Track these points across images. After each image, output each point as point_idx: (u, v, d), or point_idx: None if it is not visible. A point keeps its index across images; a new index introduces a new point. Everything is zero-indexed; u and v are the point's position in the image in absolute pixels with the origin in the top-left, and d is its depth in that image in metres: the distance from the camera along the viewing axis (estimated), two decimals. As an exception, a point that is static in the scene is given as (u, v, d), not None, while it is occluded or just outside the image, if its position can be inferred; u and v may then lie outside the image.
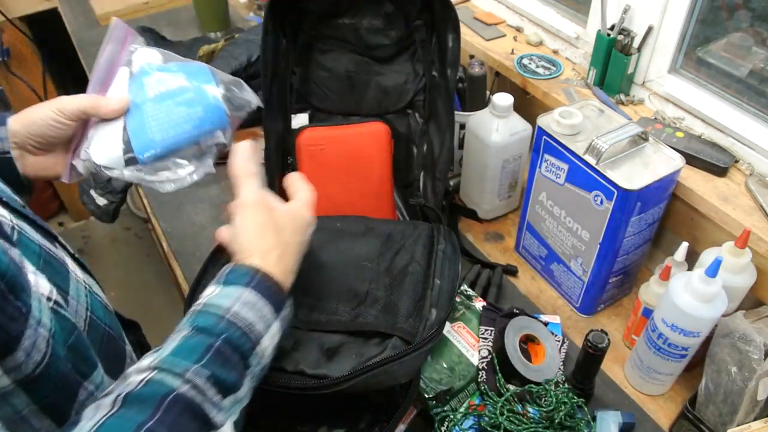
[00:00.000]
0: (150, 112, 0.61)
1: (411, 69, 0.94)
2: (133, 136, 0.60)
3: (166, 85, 0.62)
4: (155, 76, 0.62)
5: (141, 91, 0.61)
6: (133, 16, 1.68)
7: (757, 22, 0.85)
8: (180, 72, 0.63)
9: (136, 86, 0.62)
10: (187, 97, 0.62)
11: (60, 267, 0.50)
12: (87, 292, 0.53)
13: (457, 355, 0.78)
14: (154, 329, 0.80)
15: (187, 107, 0.61)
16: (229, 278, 0.51)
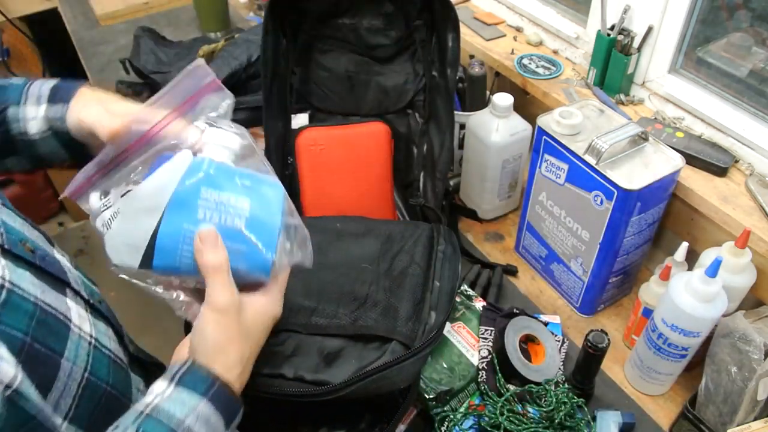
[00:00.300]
0: (190, 237, 0.47)
1: (411, 69, 0.94)
2: (158, 252, 0.47)
3: (222, 214, 0.48)
4: (216, 195, 0.48)
5: (192, 201, 0.47)
6: (133, 16, 1.68)
7: (757, 22, 0.85)
8: (246, 198, 0.49)
9: (189, 189, 0.47)
10: (238, 249, 0.49)
11: (57, 325, 0.46)
12: (91, 349, 0.50)
13: (457, 355, 0.78)
14: (154, 329, 0.80)
15: (232, 255, 0.48)
16: (185, 380, 0.46)
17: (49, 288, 0.48)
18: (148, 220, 0.47)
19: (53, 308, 0.46)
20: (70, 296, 0.51)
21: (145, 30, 1.43)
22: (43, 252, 0.50)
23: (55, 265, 0.51)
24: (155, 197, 0.47)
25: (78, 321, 0.49)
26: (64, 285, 0.51)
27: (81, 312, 0.51)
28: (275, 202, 0.51)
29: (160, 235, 0.47)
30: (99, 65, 1.50)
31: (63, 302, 0.49)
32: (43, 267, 0.48)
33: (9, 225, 0.48)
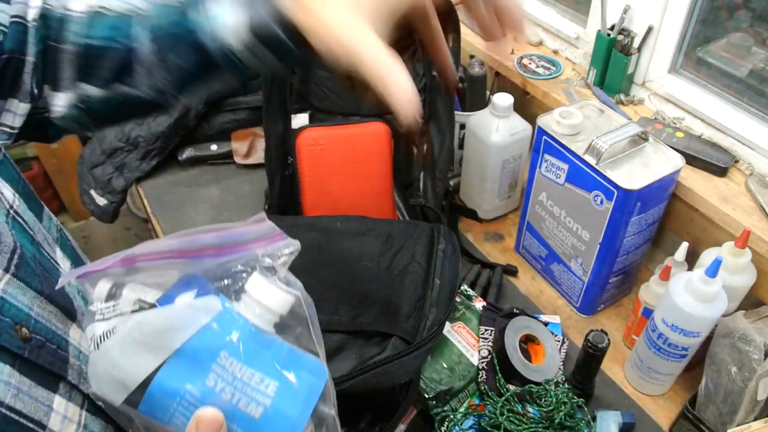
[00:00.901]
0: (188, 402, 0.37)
1: (411, 69, 0.93)
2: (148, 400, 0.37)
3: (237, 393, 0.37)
4: (236, 368, 0.38)
5: (205, 362, 0.38)
6: (133, 16, 1.68)
7: (757, 22, 0.85)
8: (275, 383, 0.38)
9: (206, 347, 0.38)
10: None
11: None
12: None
13: (457, 355, 0.78)
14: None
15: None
16: None
17: (34, 384, 0.40)
18: (146, 358, 0.37)
19: (22, 415, 0.39)
20: (63, 392, 0.43)
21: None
22: (45, 336, 0.43)
23: (53, 355, 0.43)
24: (164, 335, 0.38)
25: (58, 426, 0.42)
26: (59, 379, 0.43)
27: (71, 412, 0.43)
28: (311, 391, 0.39)
29: (155, 383, 0.37)
30: (99, 65, 1.50)
31: (45, 402, 0.41)
32: (32, 360, 0.41)
33: (9, 303, 0.41)
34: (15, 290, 0.42)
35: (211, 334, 0.37)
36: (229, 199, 1.11)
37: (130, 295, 0.40)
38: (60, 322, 0.46)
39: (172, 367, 0.37)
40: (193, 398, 0.37)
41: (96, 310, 0.40)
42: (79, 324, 0.48)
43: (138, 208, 2.23)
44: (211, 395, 0.37)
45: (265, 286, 0.39)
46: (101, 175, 1.17)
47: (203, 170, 1.17)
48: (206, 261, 0.41)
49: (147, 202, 1.13)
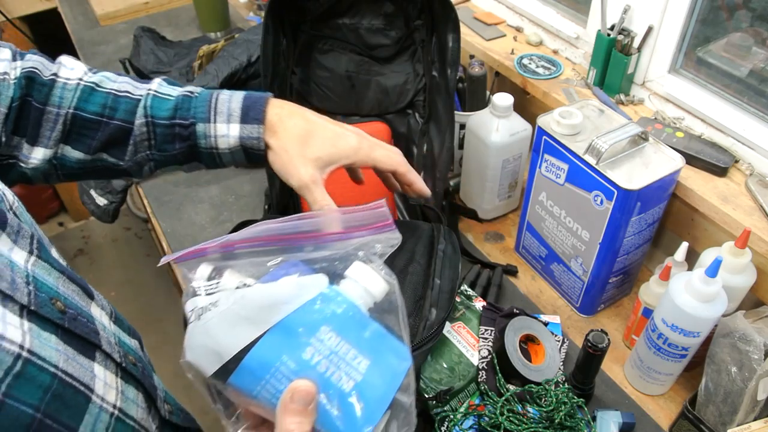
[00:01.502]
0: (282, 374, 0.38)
1: (411, 69, 0.94)
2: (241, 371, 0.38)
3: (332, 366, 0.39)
4: (335, 342, 0.39)
5: (305, 335, 0.39)
6: (133, 17, 1.68)
7: (757, 22, 0.85)
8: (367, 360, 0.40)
9: (308, 320, 0.39)
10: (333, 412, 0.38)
11: (76, 398, 0.42)
12: (112, 421, 0.46)
13: (457, 355, 0.78)
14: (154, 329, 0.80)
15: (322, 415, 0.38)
16: None
17: (76, 353, 0.44)
18: (246, 330, 0.38)
19: (75, 378, 0.42)
20: (100, 360, 0.46)
21: (145, 30, 1.43)
22: (76, 310, 0.46)
23: (87, 326, 0.46)
24: (266, 310, 0.39)
25: (102, 390, 0.45)
26: (95, 348, 0.46)
27: (109, 378, 0.47)
28: (397, 375, 0.41)
29: (251, 354, 0.38)
30: (99, 65, 1.49)
31: (89, 369, 0.44)
32: (72, 329, 0.44)
33: (41, 281, 0.43)
34: (41, 270, 0.45)
35: (314, 309, 0.39)
36: (229, 199, 1.11)
37: (231, 277, 0.41)
38: (82, 299, 0.49)
39: (271, 340, 0.38)
40: (288, 370, 0.38)
41: (198, 287, 0.41)
42: (97, 303, 0.52)
43: (138, 208, 2.23)
44: (306, 367, 0.38)
45: (367, 271, 0.42)
46: (101, 175, 1.17)
47: (203, 170, 1.17)
48: (307, 247, 0.43)
49: (147, 202, 1.13)
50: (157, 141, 0.59)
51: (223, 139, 0.58)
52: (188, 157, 0.61)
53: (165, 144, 0.59)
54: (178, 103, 0.59)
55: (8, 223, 0.43)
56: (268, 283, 0.41)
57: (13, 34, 2.00)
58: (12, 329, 0.38)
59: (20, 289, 0.41)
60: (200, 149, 0.59)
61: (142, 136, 0.58)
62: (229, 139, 0.58)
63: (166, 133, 0.58)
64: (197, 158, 0.61)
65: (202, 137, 0.59)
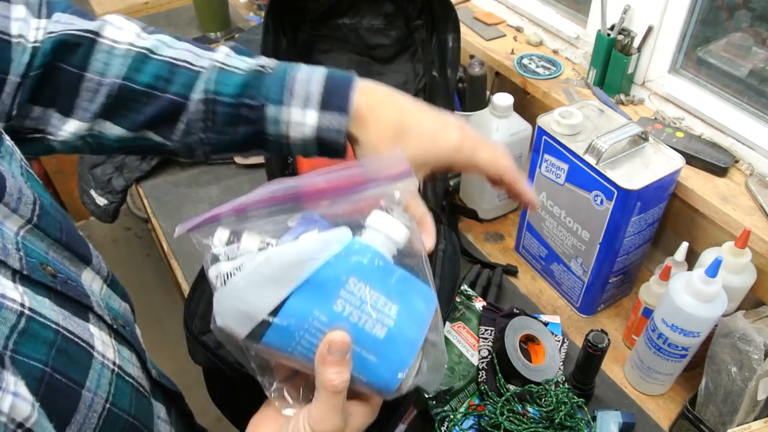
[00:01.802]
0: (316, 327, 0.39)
1: (411, 69, 0.94)
2: (274, 330, 0.39)
3: (364, 315, 0.39)
4: (364, 291, 0.40)
5: (334, 287, 0.39)
6: (133, 16, 1.67)
7: (757, 22, 0.85)
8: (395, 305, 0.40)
9: (336, 273, 0.39)
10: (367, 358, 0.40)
11: (79, 353, 0.43)
12: (114, 378, 0.46)
13: (457, 355, 0.78)
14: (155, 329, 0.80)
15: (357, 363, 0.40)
16: None
17: (71, 314, 0.44)
18: (274, 290, 0.39)
19: (75, 335, 0.43)
20: (93, 321, 0.47)
21: (145, 30, 1.43)
22: (66, 274, 0.46)
23: (77, 289, 0.46)
24: (293, 268, 0.39)
25: (101, 348, 0.45)
26: (87, 310, 0.47)
27: (104, 338, 0.47)
28: (425, 316, 0.42)
29: (283, 312, 0.38)
30: (99, 65, 1.50)
31: (86, 328, 0.45)
32: (64, 292, 0.44)
33: (30, 247, 0.44)
34: (33, 238, 0.44)
35: (341, 261, 0.39)
36: (228, 199, 1.11)
37: (250, 239, 0.41)
38: (74, 265, 0.48)
39: (301, 296, 0.39)
40: (321, 323, 0.39)
41: (219, 252, 0.41)
42: (93, 268, 0.51)
43: (138, 208, 2.23)
44: (339, 319, 0.39)
45: (387, 218, 0.42)
46: (101, 174, 1.17)
47: (203, 170, 1.17)
48: (324, 201, 0.43)
49: (147, 202, 1.13)
50: (218, 122, 0.51)
51: (298, 128, 0.50)
52: (251, 144, 0.53)
53: (226, 126, 0.51)
54: (249, 80, 0.50)
55: (7, 191, 0.43)
56: (289, 241, 0.41)
57: (13, 34, 2.00)
58: (10, 290, 0.39)
59: (11, 255, 0.41)
60: (267, 136, 0.51)
61: (198, 115, 0.51)
62: (304, 128, 0.50)
63: (229, 113, 0.51)
64: (261, 145, 0.53)
65: (273, 123, 0.50)
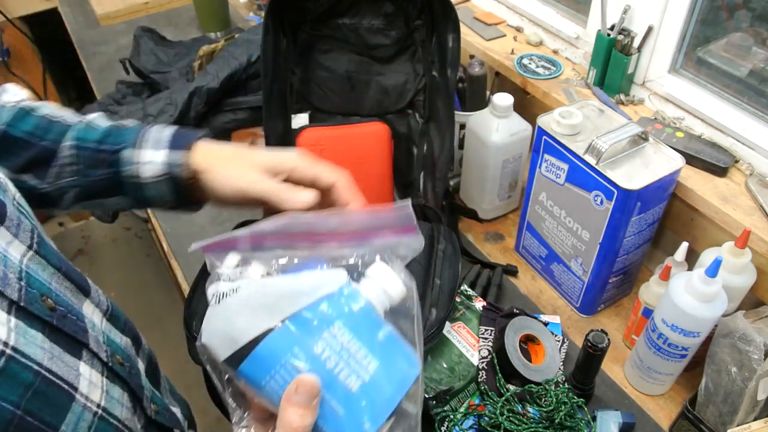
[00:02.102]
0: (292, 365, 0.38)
1: (411, 69, 0.94)
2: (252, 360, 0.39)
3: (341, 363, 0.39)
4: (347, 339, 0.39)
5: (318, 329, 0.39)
6: (134, 16, 1.68)
7: (757, 22, 0.85)
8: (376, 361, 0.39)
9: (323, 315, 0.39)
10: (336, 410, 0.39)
11: (59, 396, 0.42)
12: (95, 420, 0.46)
13: (457, 355, 0.78)
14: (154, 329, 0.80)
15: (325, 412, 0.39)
16: None
17: (62, 351, 0.44)
18: (262, 318, 0.39)
19: (58, 377, 0.42)
20: (86, 359, 0.47)
21: (145, 30, 1.43)
22: (66, 308, 0.46)
23: (75, 325, 0.47)
24: (284, 300, 0.39)
25: (86, 389, 0.45)
26: (82, 347, 0.47)
27: (94, 377, 0.47)
28: (404, 381, 0.41)
29: (265, 342, 0.38)
30: (99, 65, 1.50)
31: (74, 368, 0.45)
32: (60, 327, 0.44)
33: (33, 277, 0.44)
34: (36, 266, 0.45)
35: (331, 303, 0.39)
36: (229, 199, 1.11)
37: (256, 267, 0.42)
38: (75, 297, 0.49)
39: (286, 330, 0.38)
40: (297, 362, 0.38)
41: (222, 273, 0.42)
42: (92, 300, 0.52)
43: (138, 208, 2.23)
44: (315, 361, 0.38)
45: (387, 272, 0.42)
46: (101, 175, 1.17)
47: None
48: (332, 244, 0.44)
49: (147, 202, 1.13)
50: (82, 165, 0.56)
51: (148, 166, 0.55)
52: (111, 188, 0.57)
53: (90, 169, 0.56)
54: (110, 130, 0.57)
55: (8, 216, 0.44)
56: (289, 274, 0.41)
57: (13, 34, 2.00)
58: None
59: (11, 285, 0.41)
60: (123, 178, 0.56)
61: (67, 159, 0.56)
62: (154, 166, 0.55)
63: (92, 156, 0.56)
64: (119, 189, 0.57)
65: (127, 163, 0.55)
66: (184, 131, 0.57)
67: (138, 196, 0.57)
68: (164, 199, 0.57)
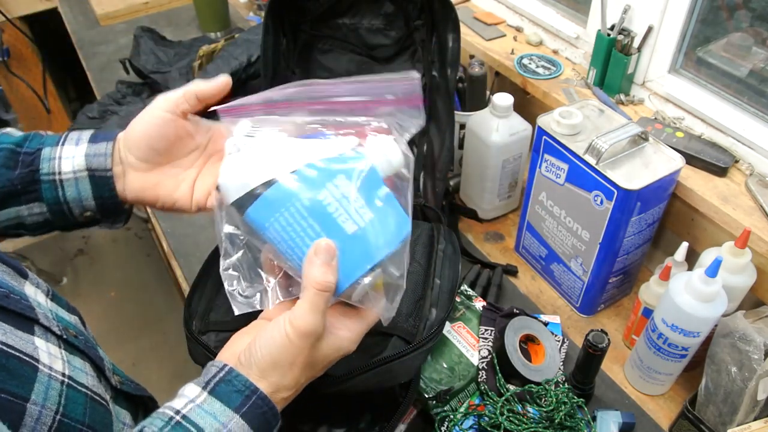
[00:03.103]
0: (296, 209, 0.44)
1: (411, 69, 0.94)
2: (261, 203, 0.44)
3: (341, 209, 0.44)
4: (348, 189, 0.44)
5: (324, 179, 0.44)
6: (133, 16, 1.68)
7: (757, 22, 0.85)
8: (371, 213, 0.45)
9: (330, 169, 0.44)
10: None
11: (22, 368, 0.44)
12: (64, 389, 0.47)
13: (457, 355, 0.78)
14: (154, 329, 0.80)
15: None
16: (219, 389, 0.43)
17: (13, 328, 0.45)
18: (275, 166, 0.44)
19: (16, 350, 0.44)
20: (39, 334, 0.48)
21: (145, 30, 1.43)
22: (7, 288, 0.48)
23: (20, 303, 0.48)
24: (297, 153, 0.45)
25: (48, 360, 0.46)
26: (32, 323, 0.48)
27: (52, 349, 0.48)
28: (394, 237, 0.45)
29: (274, 186, 0.43)
30: (99, 65, 1.50)
31: (30, 342, 0.46)
32: (5, 306, 0.46)
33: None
34: None
35: (338, 161, 0.44)
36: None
37: (270, 128, 0.47)
38: (14, 279, 0.51)
39: (294, 178, 0.44)
40: (302, 207, 0.44)
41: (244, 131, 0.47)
42: (31, 282, 0.54)
43: (138, 208, 2.23)
44: (318, 206, 0.43)
45: (390, 142, 0.46)
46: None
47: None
48: (342, 112, 0.47)
49: (147, 202, 1.13)
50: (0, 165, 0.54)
51: (67, 161, 0.54)
52: (27, 191, 0.54)
53: (5, 169, 0.54)
54: (28, 135, 0.56)
55: None
56: (302, 138, 0.46)
57: (13, 34, 2.00)
58: None
59: None
60: (41, 177, 0.54)
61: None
62: (74, 160, 0.54)
63: (9, 157, 0.54)
64: (38, 194, 0.55)
65: (46, 160, 0.54)
66: (105, 131, 0.57)
67: (56, 201, 0.55)
68: (83, 204, 0.55)
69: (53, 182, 0.54)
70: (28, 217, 0.56)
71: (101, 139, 0.55)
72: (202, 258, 0.71)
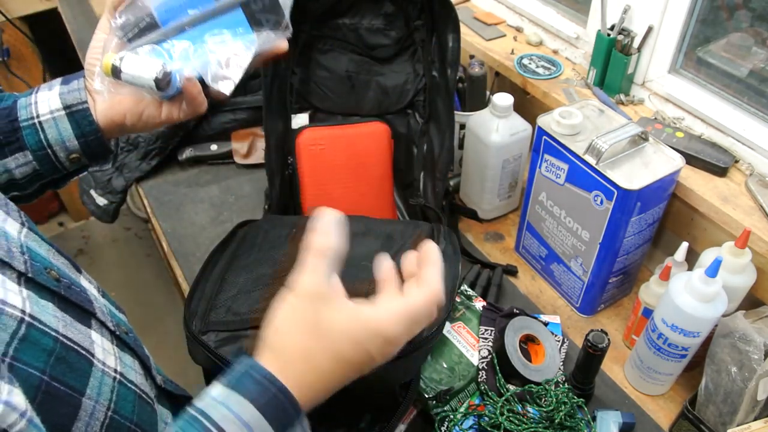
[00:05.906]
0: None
1: (411, 69, 0.94)
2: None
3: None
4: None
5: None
6: (133, 16, 1.68)
7: (757, 22, 0.85)
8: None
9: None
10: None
11: (79, 361, 0.43)
12: (116, 385, 0.47)
13: (457, 355, 0.78)
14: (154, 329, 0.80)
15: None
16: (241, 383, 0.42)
17: (73, 320, 0.45)
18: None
19: (75, 343, 0.44)
20: (95, 328, 0.48)
21: (145, 30, 1.43)
22: (69, 280, 0.47)
23: (80, 295, 0.48)
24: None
25: (102, 355, 0.46)
26: (90, 316, 0.48)
27: (106, 345, 0.48)
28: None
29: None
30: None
31: (87, 335, 0.46)
32: (67, 297, 0.45)
33: (34, 251, 0.45)
34: (33, 242, 0.46)
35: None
36: (229, 199, 1.11)
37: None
38: (72, 271, 0.51)
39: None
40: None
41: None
42: (85, 277, 0.54)
43: (138, 208, 2.23)
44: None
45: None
46: (101, 175, 1.17)
47: (203, 170, 1.17)
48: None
49: (147, 202, 1.13)
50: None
51: (44, 104, 0.56)
52: (10, 141, 0.56)
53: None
54: (4, 95, 0.59)
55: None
56: None
57: (13, 34, 2.00)
58: (12, 295, 0.40)
59: (16, 258, 0.42)
60: (21, 124, 0.56)
61: None
62: (50, 101, 0.56)
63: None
64: (20, 143, 0.56)
65: (23, 107, 0.56)
66: (75, 74, 0.59)
67: (40, 146, 0.56)
68: (68, 143, 0.57)
69: (33, 126, 0.56)
70: (16, 169, 0.57)
71: (72, 79, 0.58)
72: (202, 258, 0.71)
